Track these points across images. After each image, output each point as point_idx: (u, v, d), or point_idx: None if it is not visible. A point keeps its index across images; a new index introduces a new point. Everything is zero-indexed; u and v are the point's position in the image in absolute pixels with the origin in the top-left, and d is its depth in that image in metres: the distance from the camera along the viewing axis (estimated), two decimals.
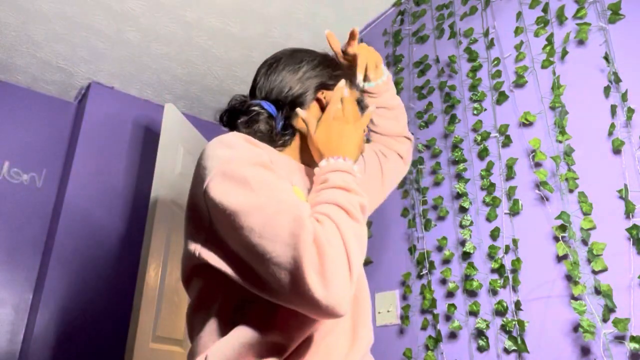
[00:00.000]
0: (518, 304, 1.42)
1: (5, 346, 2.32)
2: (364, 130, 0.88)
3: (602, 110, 1.39)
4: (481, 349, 1.50)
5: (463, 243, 1.65)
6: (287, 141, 0.89)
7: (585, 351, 1.26)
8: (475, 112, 1.72)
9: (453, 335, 1.59)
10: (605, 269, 1.27)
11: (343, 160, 0.77)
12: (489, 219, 1.57)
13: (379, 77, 1.03)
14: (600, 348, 1.23)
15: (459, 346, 1.57)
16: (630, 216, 1.26)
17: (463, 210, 1.68)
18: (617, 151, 1.33)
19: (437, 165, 1.80)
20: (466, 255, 1.62)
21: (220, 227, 0.70)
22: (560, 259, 1.38)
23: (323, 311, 0.61)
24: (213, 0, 2.19)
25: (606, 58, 1.38)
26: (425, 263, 1.73)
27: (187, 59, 2.58)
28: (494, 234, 1.54)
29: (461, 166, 1.71)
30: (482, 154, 1.65)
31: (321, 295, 0.60)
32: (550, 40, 1.54)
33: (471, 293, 1.58)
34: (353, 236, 0.66)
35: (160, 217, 2.17)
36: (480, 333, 1.51)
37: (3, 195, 2.50)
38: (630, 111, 1.31)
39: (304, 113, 0.87)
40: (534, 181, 1.50)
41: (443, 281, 1.68)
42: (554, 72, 1.50)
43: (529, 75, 1.60)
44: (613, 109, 1.35)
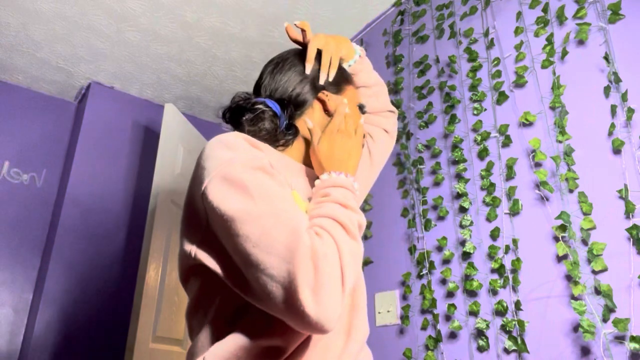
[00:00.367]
0: (518, 304, 1.42)
1: (5, 346, 2.32)
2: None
3: (602, 110, 1.39)
4: (481, 349, 1.50)
5: (463, 243, 1.65)
6: (290, 141, 0.89)
7: (585, 351, 1.26)
8: (475, 112, 1.72)
9: (453, 335, 1.59)
10: (605, 269, 1.27)
11: (345, 176, 0.78)
12: (489, 219, 1.57)
13: (350, 59, 1.01)
14: (600, 348, 1.23)
15: (459, 346, 1.57)
16: (630, 216, 1.26)
17: (463, 210, 1.68)
18: (617, 151, 1.33)
19: (437, 165, 1.80)
20: (466, 255, 1.62)
21: (216, 230, 0.69)
22: (560, 259, 1.38)
23: (312, 326, 0.61)
24: (213, 0, 2.19)
25: (606, 58, 1.38)
26: (425, 263, 1.73)
27: (187, 59, 2.58)
28: (494, 234, 1.54)
29: (461, 166, 1.71)
30: (482, 154, 1.65)
31: (312, 311, 0.60)
32: (550, 40, 1.54)
33: (471, 293, 1.58)
34: (349, 253, 0.66)
35: (160, 217, 2.17)
36: (480, 333, 1.51)
37: (3, 195, 2.50)
38: (630, 111, 1.31)
39: (311, 123, 0.87)
40: (534, 181, 1.50)
41: (443, 281, 1.68)
42: (554, 72, 1.50)
43: (529, 75, 1.60)
44: (613, 109, 1.35)
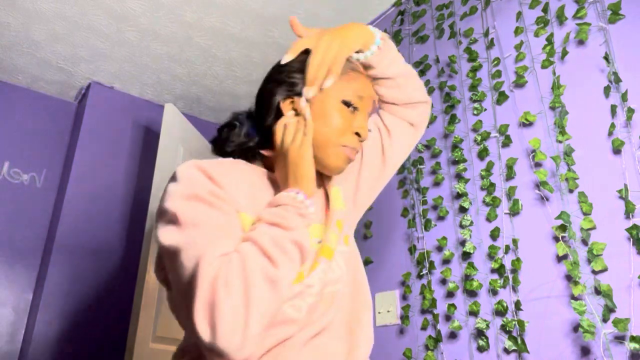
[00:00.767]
0: (518, 304, 1.42)
1: (5, 346, 2.32)
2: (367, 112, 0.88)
3: (602, 110, 1.39)
4: (481, 349, 1.50)
5: (463, 243, 1.65)
6: (257, 154, 0.90)
7: (585, 351, 1.26)
8: (475, 112, 1.72)
9: (453, 335, 1.59)
10: (605, 269, 1.27)
11: (295, 193, 0.75)
12: (489, 219, 1.57)
13: (367, 49, 0.92)
14: (600, 348, 1.23)
15: (459, 346, 1.57)
16: (630, 216, 1.26)
17: (463, 210, 1.68)
18: (617, 151, 1.33)
19: (437, 165, 1.80)
20: (466, 255, 1.62)
21: None
22: (560, 259, 1.38)
23: (215, 353, 0.62)
24: (213, 0, 2.19)
25: (606, 58, 1.38)
26: (425, 263, 1.73)
27: (187, 59, 2.57)
28: (494, 234, 1.54)
29: (461, 166, 1.70)
30: (482, 154, 1.65)
31: (207, 338, 0.61)
32: (550, 40, 1.54)
33: (471, 293, 1.58)
34: (262, 279, 0.64)
35: None
36: (480, 333, 1.51)
37: (3, 195, 2.50)
38: (630, 111, 1.31)
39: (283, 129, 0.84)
40: (534, 181, 1.50)
41: (443, 281, 1.68)
42: (554, 72, 1.50)
43: (529, 75, 1.60)
44: (613, 109, 1.35)
